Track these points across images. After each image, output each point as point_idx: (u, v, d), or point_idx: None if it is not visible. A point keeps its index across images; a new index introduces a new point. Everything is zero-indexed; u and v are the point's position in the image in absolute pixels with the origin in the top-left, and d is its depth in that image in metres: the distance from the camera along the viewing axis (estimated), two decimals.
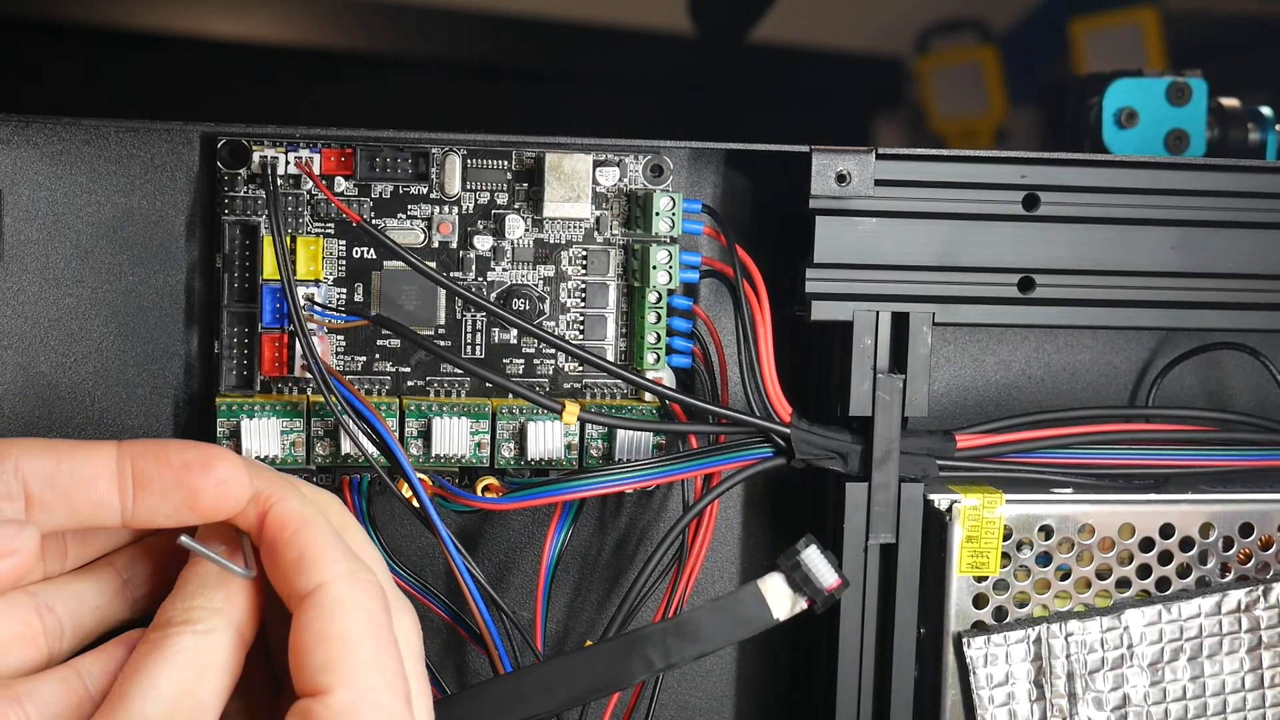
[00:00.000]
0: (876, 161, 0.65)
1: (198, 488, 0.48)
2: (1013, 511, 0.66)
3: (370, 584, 0.49)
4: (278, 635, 0.51)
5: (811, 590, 0.55)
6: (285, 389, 0.65)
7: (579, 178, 0.66)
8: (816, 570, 0.55)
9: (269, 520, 0.49)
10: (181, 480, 0.48)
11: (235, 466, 0.48)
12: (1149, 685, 0.67)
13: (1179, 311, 0.68)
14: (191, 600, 0.48)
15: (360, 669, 0.47)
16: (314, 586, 0.48)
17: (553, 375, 0.68)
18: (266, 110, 1.38)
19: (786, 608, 0.55)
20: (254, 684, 0.51)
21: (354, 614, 0.48)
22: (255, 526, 0.49)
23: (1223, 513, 0.67)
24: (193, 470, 0.48)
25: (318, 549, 0.48)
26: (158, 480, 0.48)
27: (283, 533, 0.49)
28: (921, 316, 0.66)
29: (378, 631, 0.48)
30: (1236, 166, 0.68)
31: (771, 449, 0.66)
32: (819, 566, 0.55)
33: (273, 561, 0.49)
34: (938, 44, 1.86)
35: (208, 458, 0.48)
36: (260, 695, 0.52)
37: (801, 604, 0.55)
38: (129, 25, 1.57)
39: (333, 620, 0.47)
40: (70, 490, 0.47)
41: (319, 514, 0.50)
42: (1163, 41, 1.67)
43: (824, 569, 0.55)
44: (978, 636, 0.66)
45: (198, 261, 0.66)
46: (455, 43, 1.69)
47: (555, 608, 0.71)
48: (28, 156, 0.64)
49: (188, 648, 0.47)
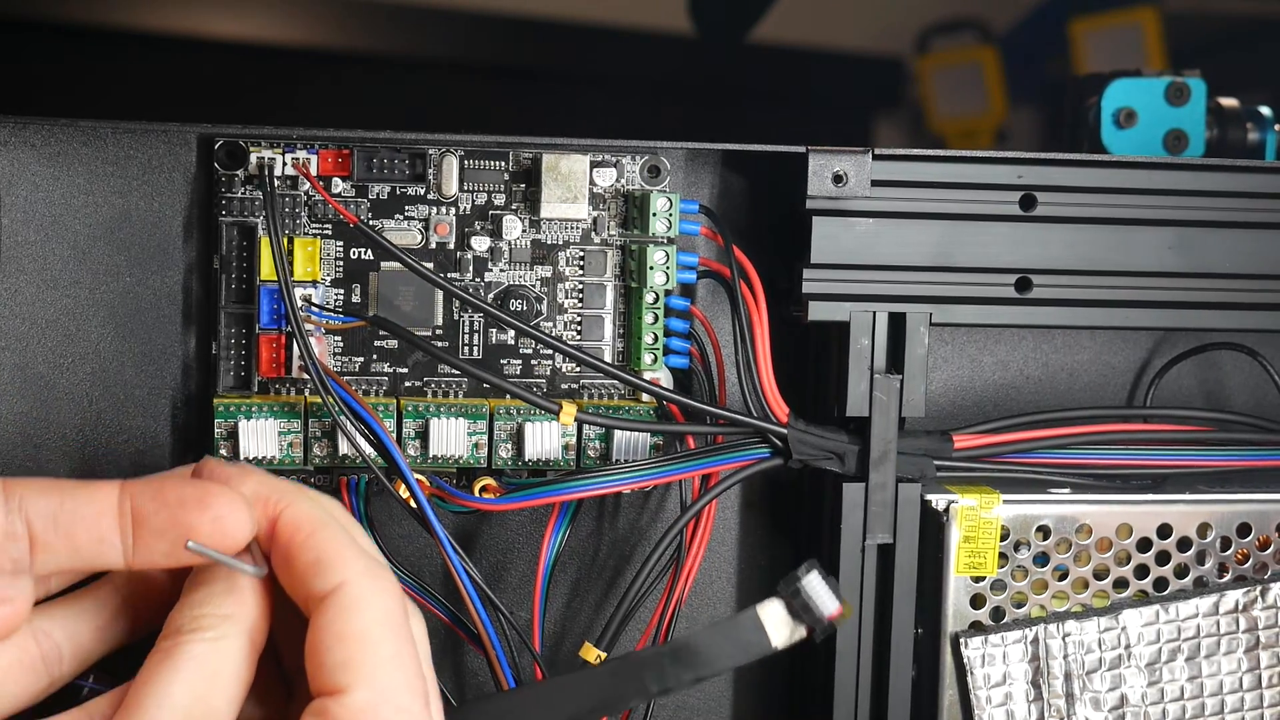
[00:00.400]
0: (873, 162, 0.65)
1: (192, 525, 0.47)
2: (1010, 512, 0.66)
3: (389, 582, 0.49)
4: (289, 640, 0.51)
5: (811, 619, 0.54)
6: (283, 390, 0.65)
7: (576, 178, 0.66)
8: (817, 598, 0.54)
9: (281, 524, 0.49)
10: (176, 518, 0.47)
11: (233, 504, 0.48)
12: (1147, 685, 0.67)
13: (1177, 312, 0.68)
14: (201, 608, 0.48)
15: (380, 668, 0.47)
16: (333, 586, 0.47)
17: (550, 376, 0.68)
18: (263, 111, 1.38)
19: (785, 635, 0.54)
20: (266, 689, 0.51)
21: (374, 612, 0.47)
22: (265, 532, 0.49)
23: (1220, 513, 0.67)
24: (188, 507, 0.47)
25: (335, 549, 0.48)
26: (154, 518, 0.47)
27: (297, 535, 0.48)
28: (918, 317, 0.66)
29: (398, 631, 0.48)
30: (1235, 166, 0.68)
31: (769, 449, 0.66)
32: (820, 594, 0.54)
33: (287, 565, 0.48)
34: (938, 44, 1.86)
35: (204, 495, 0.47)
36: (273, 700, 0.51)
37: (801, 632, 0.54)
38: (126, 25, 1.57)
39: (352, 619, 0.47)
40: (74, 530, 0.47)
41: (330, 516, 0.49)
42: (1162, 41, 1.67)
43: (825, 597, 0.54)
44: (975, 637, 0.66)
45: (195, 262, 0.66)
46: (452, 43, 1.69)
47: (553, 608, 0.71)
48: (25, 158, 0.64)
49: (199, 655, 0.47)
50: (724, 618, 0.54)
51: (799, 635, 0.54)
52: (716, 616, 0.72)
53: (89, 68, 1.54)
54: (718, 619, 0.72)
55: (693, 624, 0.72)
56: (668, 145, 0.66)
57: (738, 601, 0.72)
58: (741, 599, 0.72)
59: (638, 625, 0.68)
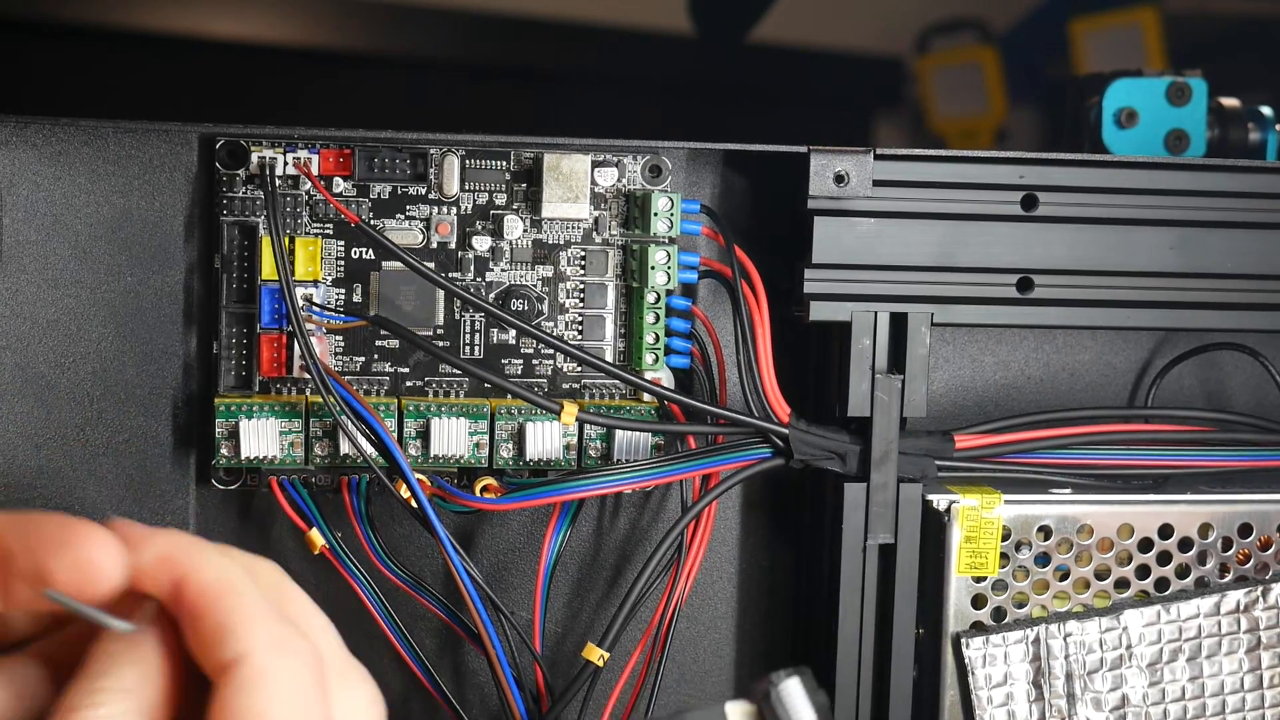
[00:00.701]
0: (875, 162, 0.65)
1: (51, 569, 0.42)
2: (1011, 512, 0.66)
3: (301, 654, 0.42)
4: None
5: None
6: (284, 389, 0.65)
7: (577, 178, 0.66)
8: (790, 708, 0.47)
9: (188, 586, 0.43)
10: (35, 559, 0.42)
11: (102, 545, 0.42)
12: (1148, 686, 0.67)
13: (1178, 312, 0.68)
14: (97, 681, 0.42)
15: None
16: (233, 657, 0.41)
17: (551, 376, 0.68)
18: (265, 111, 1.38)
19: None
20: None
21: (277, 690, 0.41)
22: (168, 594, 0.43)
23: (1222, 513, 0.67)
24: (46, 548, 0.42)
25: (240, 616, 0.42)
26: (19, 558, 0.42)
27: (202, 598, 0.42)
28: (920, 317, 0.66)
29: (305, 710, 0.42)
30: (1236, 167, 0.68)
31: (770, 449, 0.66)
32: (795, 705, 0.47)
33: (194, 631, 0.43)
34: (938, 44, 1.86)
35: (66, 535, 0.42)
36: None
37: None
38: (127, 25, 1.57)
39: (250, 697, 0.41)
40: None
41: (245, 579, 0.43)
42: (1163, 41, 1.67)
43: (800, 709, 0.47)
44: (976, 637, 0.66)
45: (196, 262, 0.66)
46: (453, 43, 1.69)
47: (554, 608, 0.71)
48: (26, 157, 0.64)
49: None
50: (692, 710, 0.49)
51: None
52: (717, 617, 0.72)
53: (89, 68, 1.54)
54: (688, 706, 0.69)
55: (693, 624, 0.72)
56: (669, 145, 0.66)
57: (738, 601, 0.72)
58: (742, 599, 0.72)
59: (639, 625, 0.68)
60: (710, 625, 0.72)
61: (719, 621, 0.72)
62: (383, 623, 0.66)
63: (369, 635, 0.66)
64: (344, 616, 0.69)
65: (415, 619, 0.68)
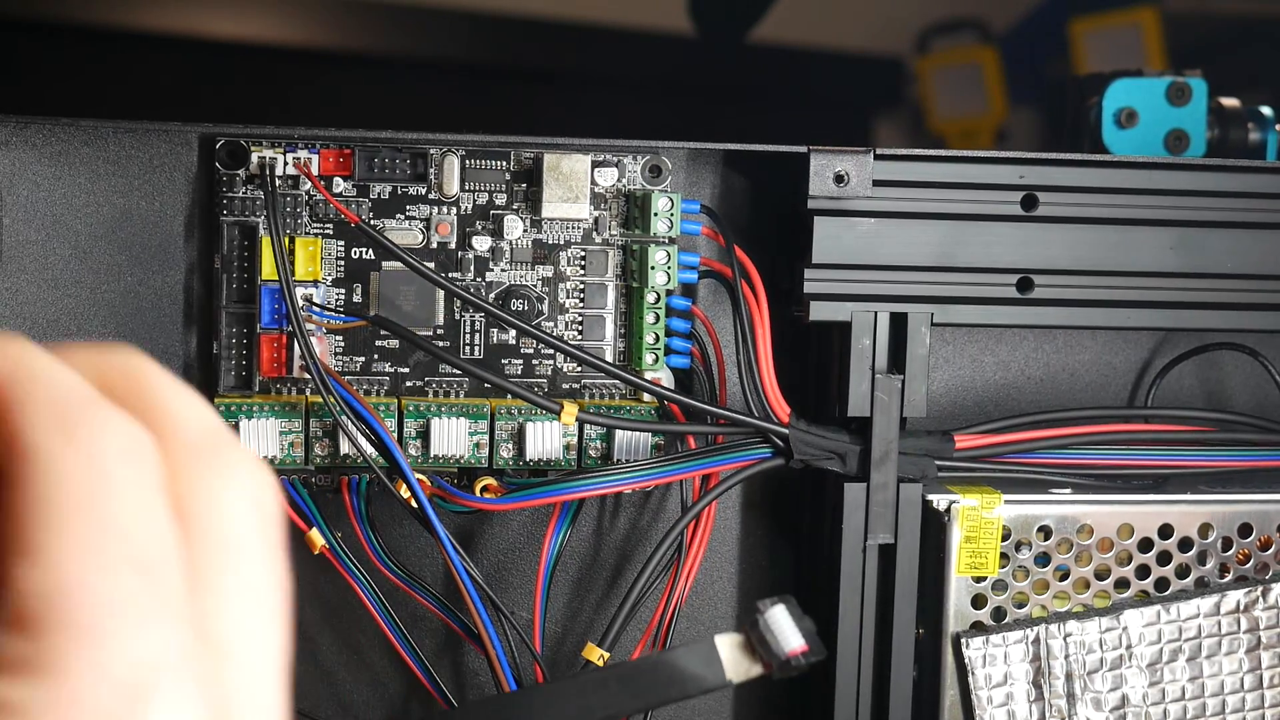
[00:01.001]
0: (875, 162, 0.65)
1: None
2: (1011, 512, 0.66)
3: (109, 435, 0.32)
4: None
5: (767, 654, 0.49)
6: (284, 390, 0.65)
7: (577, 178, 0.66)
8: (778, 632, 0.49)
9: None
10: None
11: None
12: (1148, 686, 0.67)
13: (1178, 312, 0.68)
14: None
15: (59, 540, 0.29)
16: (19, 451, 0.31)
17: (551, 376, 0.68)
18: (265, 111, 1.38)
19: (742, 669, 0.49)
20: None
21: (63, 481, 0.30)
22: None
23: (1222, 513, 0.67)
24: None
25: (22, 404, 0.31)
26: None
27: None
28: (920, 317, 0.66)
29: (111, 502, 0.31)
30: (1236, 167, 0.68)
31: (770, 449, 0.66)
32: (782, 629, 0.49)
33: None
34: (938, 44, 1.86)
35: None
36: None
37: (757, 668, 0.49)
38: (127, 25, 1.57)
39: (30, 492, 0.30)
40: None
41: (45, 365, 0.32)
42: (1162, 41, 1.67)
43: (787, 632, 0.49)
44: (976, 637, 0.66)
45: (196, 262, 0.66)
46: (453, 43, 1.69)
47: (554, 608, 0.71)
48: (26, 158, 0.64)
49: None
50: (680, 645, 0.49)
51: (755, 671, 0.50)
52: (717, 617, 0.72)
53: (90, 68, 1.54)
54: (686, 641, 0.69)
55: (694, 624, 0.72)
56: (669, 145, 0.66)
57: (738, 602, 0.72)
58: (742, 599, 0.72)
59: (638, 625, 0.68)
60: (710, 625, 0.72)
61: (719, 621, 0.72)
62: (383, 623, 0.66)
63: (369, 635, 0.66)
64: (344, 616, 0.70)
65: (415, 619, 0.68)
